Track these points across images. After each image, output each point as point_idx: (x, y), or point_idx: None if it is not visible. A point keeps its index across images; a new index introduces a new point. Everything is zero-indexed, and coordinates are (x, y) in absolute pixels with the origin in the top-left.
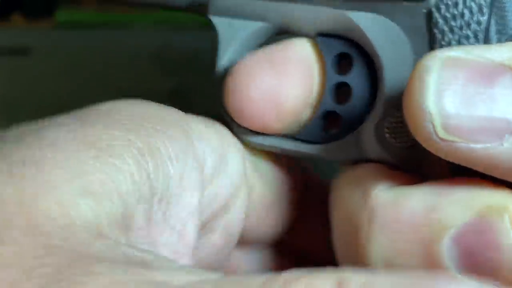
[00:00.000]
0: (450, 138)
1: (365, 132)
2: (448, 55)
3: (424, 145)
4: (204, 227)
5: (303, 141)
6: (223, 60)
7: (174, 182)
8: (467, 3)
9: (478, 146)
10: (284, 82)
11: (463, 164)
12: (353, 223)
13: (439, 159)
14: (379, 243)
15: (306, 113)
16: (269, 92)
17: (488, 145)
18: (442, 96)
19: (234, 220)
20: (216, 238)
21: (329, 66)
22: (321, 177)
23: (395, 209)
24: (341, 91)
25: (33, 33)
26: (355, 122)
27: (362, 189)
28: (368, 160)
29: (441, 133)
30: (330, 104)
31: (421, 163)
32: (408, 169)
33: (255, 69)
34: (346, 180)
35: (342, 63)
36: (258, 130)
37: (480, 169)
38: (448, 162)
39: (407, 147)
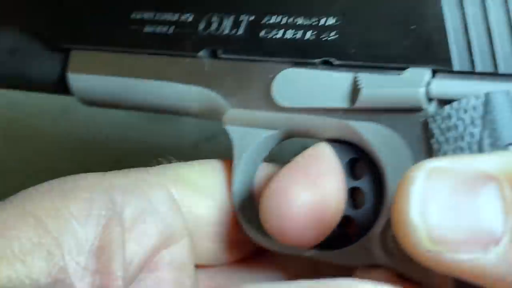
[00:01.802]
0: (436, 248)
1: (372, 238)
2: (433, 166)
3: (412, 256)
4: (141, 269)
5: (320, 246)
6: (240, 167)
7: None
8: (460, 115)
9: (464, 257)
10: (324, 197)
11: (451, 275)
12: None
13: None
14: None
15: None
16: (312, 209)
17: (474, 255)
18: (426, 207)
19: (180, 253)
20: (165, 274)
21: (343, 172)
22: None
23: None
24: (354, 196)
25: None
26: (367, 227)
27: None
28: (377, 265)
29: (427, 244)
30: (347, 209)
31: (424, 274)
32: (414, 278)
33: (294, 185)
34: None
35: (355, 168)
36: (294, 246)
37: (469, 279)
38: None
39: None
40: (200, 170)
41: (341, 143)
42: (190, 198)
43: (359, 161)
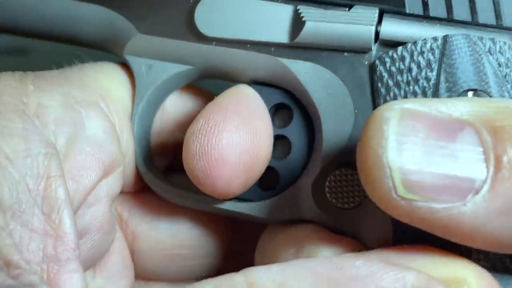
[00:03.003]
0: (410, 196)
1: (301, 190)
2: (405, 107)
3: (380, 204)
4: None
5: (238, 199)
6: (142, 102)
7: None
8: (415, 58)
9: (440, 206)
10: (258, 139)
11: (422, 227)
12: None
13: (382, 222)
14: None
15: None
16: (244, 152)
17: (451, 205)
18: (402, 149)
19: (115, 183)
20: (101, 207)
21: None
22: None
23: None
24: (277, 144)
25: None
26: (292, 178)
27: (300, 255)
28: (302, 221)
29: (401, 191)
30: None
31: (361, 227)
32: (346, 232)
33: (225, 124)
34: (280, 241)
35: (278, 114)
36: (220, 196)
37: (439, 233)
38: (394, 226)
39: (348, 209)
40: (121, 81)
41: (262, 86)
42: (122, 118)
43: (281, 109)
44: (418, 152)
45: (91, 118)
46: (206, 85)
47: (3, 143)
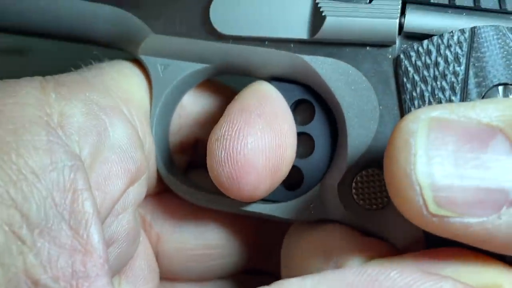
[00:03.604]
0: (443, 213)
1: (327, 191)
2: (432, 116)
3: (411, 220)
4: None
5: (263, 200)
6: (159, 103)
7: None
8: (442, 51)
9: (474, 220)
10: (283, 141)
11: (457, 240)
12: None
13: (412, 223)
14: None
15: None
16: (269, 155)
17: (485, 218)
18: (432, 164)
19: (141, 189)
20: (128, 215)
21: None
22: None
23: None
24: (300, 142)
25: None
26: (317, 177)
27: (329, 259)
28: (330, 220)
29: (433, 208)
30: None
31: (390, 228)
32: (374, 233)
33: (248, 127)
34: (307, 243)
35: (299, 110)
36: (246, 200)
37: (475, 244)
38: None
39: (376, 210)
40: (140, 83)
41: (282, 82)
42: (143, 122)
43: (302, 105)
44: (449, 166)
45: (115, 125)
46: (224, 79)
47: (29, 157)
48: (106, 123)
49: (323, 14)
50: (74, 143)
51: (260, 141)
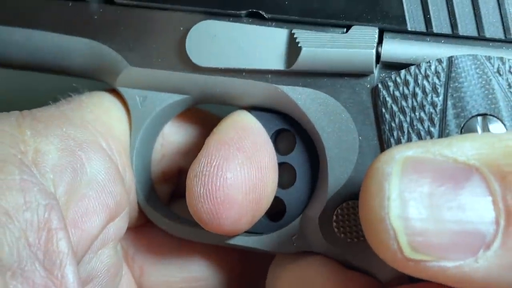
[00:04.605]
0: (418, 257)
1: (309, 223)
2: (407, 156)
3: (389, 263)
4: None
5: (246, 232)
6: (139, 135)
7: (21, 243)
8: (419, 82)
9: (450, 264)
10: (263, 174)
11: (435, 281)
12: None
13: None
14: None
15: None
16: (250, 189)
17: (462, 262)
18: (406, 207)
19: (122, 224)
20: (108, 250)
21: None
22: None
23: None
24: (282, 172)
25: None
26: (299, 208)
27: None
28: (313, 252)
29: (408, 252)
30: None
31: (373, 261)
32: (357, 266)
33: (228, 162)
34: (290, 276)
35: (280, 139)
36: (227, 234)
37: (454, 285)
38: None
39: (357, 242)
40: (119, 115)
41: (262, 112)
42: (123, 154)
43: (283, 133)
44: (423, 209)
45: (92, 160)
46: (206, 106)
47: (2, 198)
48: (83, 158)
49: (299, 45)
50: (49, 181)
51: (240, 176)
